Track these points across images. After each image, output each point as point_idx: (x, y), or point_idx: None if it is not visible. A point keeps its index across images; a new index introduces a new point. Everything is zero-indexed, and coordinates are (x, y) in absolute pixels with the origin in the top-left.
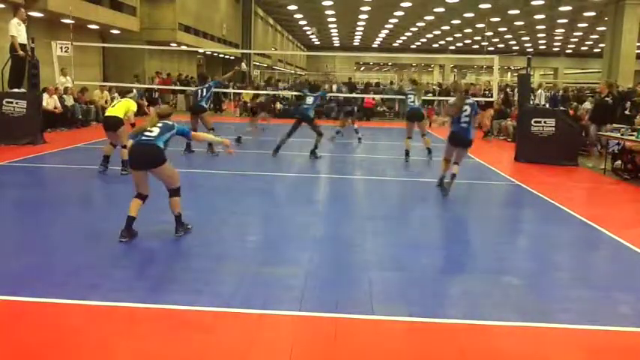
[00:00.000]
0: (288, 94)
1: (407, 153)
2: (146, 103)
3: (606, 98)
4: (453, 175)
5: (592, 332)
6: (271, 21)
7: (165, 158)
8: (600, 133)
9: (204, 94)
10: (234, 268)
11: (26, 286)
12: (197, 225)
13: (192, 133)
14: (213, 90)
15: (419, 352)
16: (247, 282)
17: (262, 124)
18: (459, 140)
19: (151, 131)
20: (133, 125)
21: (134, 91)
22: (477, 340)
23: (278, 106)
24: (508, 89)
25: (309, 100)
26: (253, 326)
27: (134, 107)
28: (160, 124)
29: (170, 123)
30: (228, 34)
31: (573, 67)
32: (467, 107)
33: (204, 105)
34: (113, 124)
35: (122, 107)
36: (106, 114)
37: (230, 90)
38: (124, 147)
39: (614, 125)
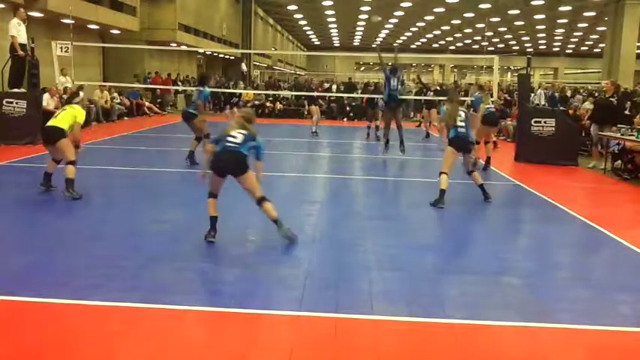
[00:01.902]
0: (288, 94)
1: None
2: (146, 103)
3: (611, 99)
4: (481, 185)
5: (592, 332)
6: (271, 21)
7: (249, 166)
8: (602, 133)
9: (194, 99)
10: (234, 268)
11: (26, 286)
12: (197, 225)
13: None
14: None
15: (419, 352)
16: (247, 282)
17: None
18: (463, 144)
19: (235, 137)
20: (76, 147)
21: (81, 94)
22: (477, 340)
23: (278, 106)
24: (507, 95)
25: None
26: (253, 326)
27: (82, 117)
28: (244, 131)
29: (253, 133)
30: (228, 34)
31: (573, 67)
32: (461, 113)
33: (192, 111)
34: (52, 136)
35: (67, 117)
36: (47, 124)
37: (230, 90)
38: (70, 163)
39: (619, 126)
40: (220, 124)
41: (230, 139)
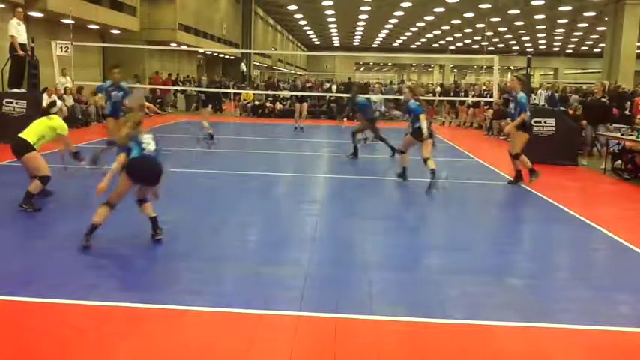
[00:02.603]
0: (287, 94)
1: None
2: (147, 104)
3: (602, 99)
4: (432, 171)
5: (592, 332)
6: (271, 21)
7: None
8: (599, 133)
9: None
10: (234, 268)
11: (26, 286)
12: (197, 225)
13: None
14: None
15: (419, 352)
16: (247, 282)
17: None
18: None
19: (148, 144)
20: (76, 155)
21: (58, 103)
22: (477, 340)
23: (278, 106)
24: (505, 95)
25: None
26: (253, 326)
27: (63, 129)
28: (150, 135)
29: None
30: (228, 34)
31: (573, 67)
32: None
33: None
34: (18, 150)
35: (39, 129)
36: (18, 135)
37: (230, 90)
38: (37, 178)
39: (615, 125)
40: (225, 124)
41: (143, 145)
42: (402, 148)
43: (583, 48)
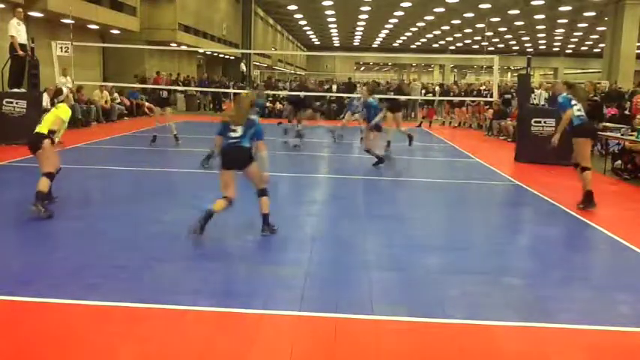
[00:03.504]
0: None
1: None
2: (146, 104)
3: (593, 98)
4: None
5: (592, 332)
6: (271, 21)
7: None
8: (600, 133)
9: None
10: (235, 268)
11: (26, 286)
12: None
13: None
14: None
15: (419, 352)
16: (247, 282)
17: None
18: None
19: (235, 131)
20: (60, 143)
21: (65, 90)
22: (477, 340)
23: (278, 106)
24: (507, 95)
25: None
26: (253, 326)
27: (66, 114)
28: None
29: (252, 118)
30: (228, 34)
31: (573, 67)
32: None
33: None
34: (32, 144)
35: (48, 121)
36: (34, 131)
37: (230, 90)
38: (46, 175)
39: (608, 125)
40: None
41: (231, 134)
42: (369, 146)
43: (583, 48)
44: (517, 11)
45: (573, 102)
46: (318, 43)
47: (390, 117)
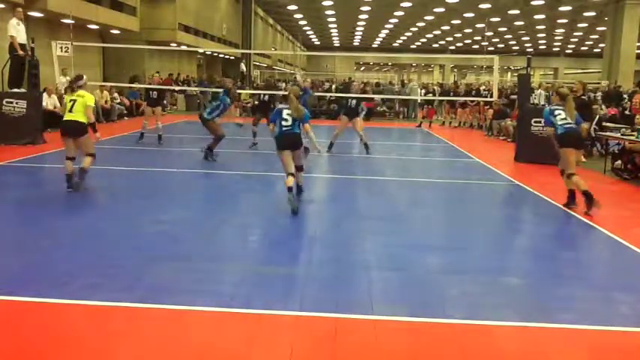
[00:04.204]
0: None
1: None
2: (144, 103)
3: (582, 97)
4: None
5: (592, 332)
6: (271, 21)
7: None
8: (600, 133)
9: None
10: (234, 268)
11: (26, 286)
12: (197, 225)
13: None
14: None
15: (419, 352)
16: (247, 282)
17: None
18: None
19: (286, 120)
20: (92, 126)
21: (84, 77)
22: (477, 340)
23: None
24: (513, 96)
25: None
26: (253, 326)
27: (91, 100)
28: (289, 112)
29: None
30: (228, 34)
31: (573, 67)
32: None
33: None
34: (75, 131)
35: (80, 109)
36: (65, 117)
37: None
38: (91, 155)
39: (608, 125)
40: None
41: (283, 122)
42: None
43: (583, 48)
44: (517, 11)
45: (557, 111)
46: (318, 43)
47: (344, 120)
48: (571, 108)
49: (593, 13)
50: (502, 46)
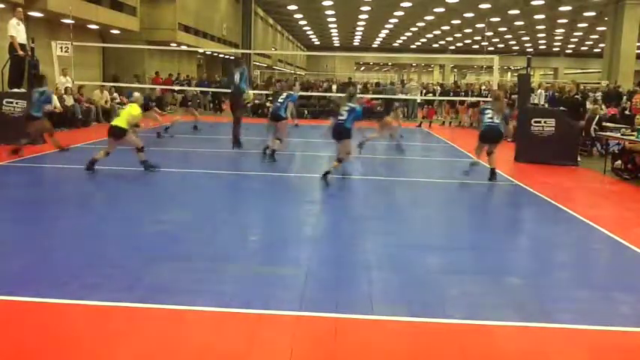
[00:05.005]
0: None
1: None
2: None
3: (576, 96)
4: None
5: (592, 332)
6: (271, 21)
7: (350, 135)
8: (600, 133)
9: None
10: (234, 268)
11: (26, 286)
12: (197, 225)
13: None
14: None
15: (419, 352)
16: (247, 282)
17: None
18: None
19: (342, 115)
20: (137, 126)
21: (135, 94)
22: (477, 340)
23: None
24: (514, 95)
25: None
26: (253, 326)
27: (136, 111)
28: (347, 108)
29: (354, 106)
30: (228, 34)
31: (573, 67)
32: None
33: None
34: (118, 135)
35: (125, 116)
36: (112, 123)
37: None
38: (140, 149)
39: (608, 124)
40: (224, 124)
41: (339, 117)
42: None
43: (583, 48)
44: (517, 11)
45: (487, 111)
46: (318, 43)
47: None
48: (499, 108)
49: (593, 13)
50: (502, 46)
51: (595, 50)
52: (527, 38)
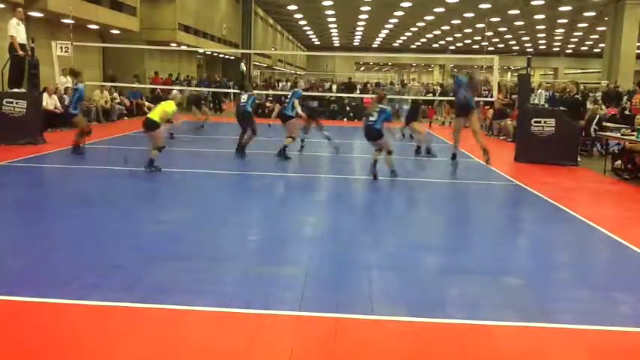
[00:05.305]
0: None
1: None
2: (146, 103)
3: (576, 96)
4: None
5: (592, 332)
6: (271, 21)
7: (382, 135)
8: (600, 133)
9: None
10: (234, 268)
11: (26, 286)
12: (197, 225)
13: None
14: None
15: (419, 352)
16: (247, 282)
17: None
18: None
19: (372, 116)
20: (169, 121)
21: (173, 91)
22: (477, 340)
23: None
24: (511, 95)
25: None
26: (253, 326)
27: (170, 107)
28: (377, 109)
29: (384, 107)
30: (228, 34)
31: (573, 67)
32: (375, 111)
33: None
34: (148, 127)
35: (159, 111)
36: (147, 115)
37: (230, 90)
38: (159, 149)
39: (608, 124)
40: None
41: (370, 118)
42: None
43: (583, 48)
44: (517, 11)
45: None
46: (318, 43)
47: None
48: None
49: (593, 13)
50: (502, 46)
51: (595, 50)
52: (527, 38)
